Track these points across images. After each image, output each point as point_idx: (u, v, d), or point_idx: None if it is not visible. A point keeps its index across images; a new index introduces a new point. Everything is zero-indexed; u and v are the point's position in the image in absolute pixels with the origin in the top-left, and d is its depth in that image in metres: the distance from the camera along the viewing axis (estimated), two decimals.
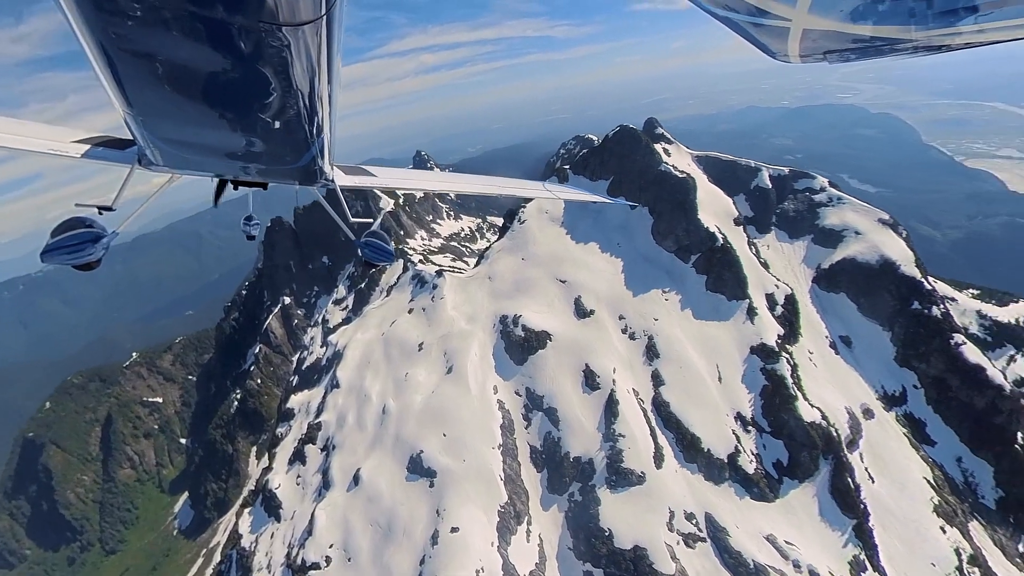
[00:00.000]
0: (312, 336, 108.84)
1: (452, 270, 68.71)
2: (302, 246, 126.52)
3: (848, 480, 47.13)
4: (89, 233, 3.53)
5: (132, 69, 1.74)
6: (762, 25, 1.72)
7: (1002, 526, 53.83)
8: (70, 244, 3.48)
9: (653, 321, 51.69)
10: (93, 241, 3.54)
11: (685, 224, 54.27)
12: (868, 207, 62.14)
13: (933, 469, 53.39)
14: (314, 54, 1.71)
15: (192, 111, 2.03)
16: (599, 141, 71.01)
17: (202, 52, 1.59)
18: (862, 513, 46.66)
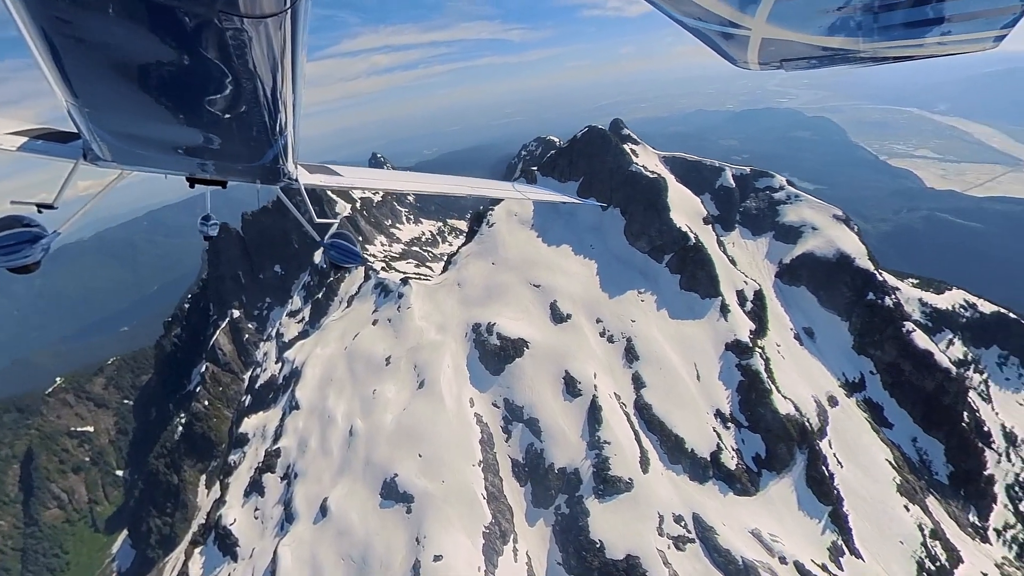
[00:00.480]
0: (265, 352, 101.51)
1: (418, 277, 65.18)
2: (251, 254, 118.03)
3: (823, 469, 48.06)
4: (27, 233, 3.30)
5: (78, 57, 1.59)
6: (724, 34, 1.77)
7: (954, 499, 57.10)
8: (5, 245, 3.23)
9: (631, 323, 50.68)
10: (31, 242, 3.31)
11: (658, 224, 53.78)
12: (823, 204, 64.41)
13: (892, 450, 55.70)
14: (277, 49, 1.61)
15: (144, 104, 1.89)
16: (562, 143, 69.76)
17: (156, 41, 1.47)
18: (836, 499, 47.73)
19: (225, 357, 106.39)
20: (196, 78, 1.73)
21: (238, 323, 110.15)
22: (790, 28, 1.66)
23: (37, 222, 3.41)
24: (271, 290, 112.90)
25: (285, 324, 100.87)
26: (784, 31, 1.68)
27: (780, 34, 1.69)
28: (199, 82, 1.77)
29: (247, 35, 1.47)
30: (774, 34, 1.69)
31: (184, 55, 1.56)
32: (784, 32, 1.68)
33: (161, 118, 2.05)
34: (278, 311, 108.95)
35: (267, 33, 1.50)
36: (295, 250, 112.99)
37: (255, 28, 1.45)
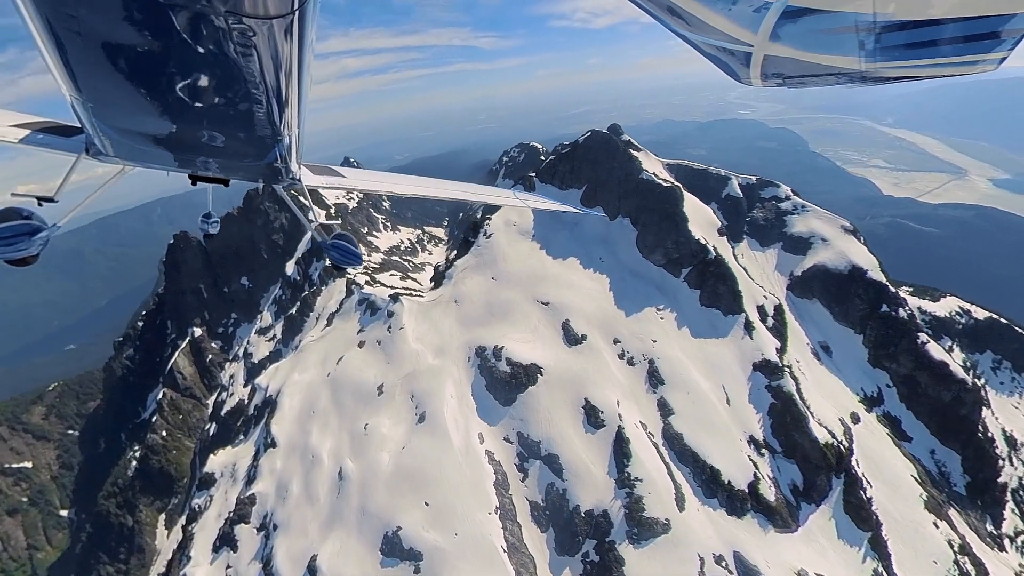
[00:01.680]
0: (231, 374, 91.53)
1: (409, 293, 58.23)
2: (214, 266, 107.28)
3: (861, 494, 44.55)
4: (26, 225, 3.20)
5: (82, 52, 1.57)
6: (727, 50, 1.78)
7: (972, 510, 55.17)
8: (3, 237, 3.14)
9: (651, 343, 45.74)
10: (30, 234, 3.22)
11: (675, 236, 49.33)
12: (831, 214, 61.97)
13: (915, 464, 53.20)
14: (283, 50, 1.60)
15: (148, 101, 1.87)
16: (561, 148, 64.61)
17: (161, 39, 1.46)
18: (875, 524, 44.34)
19: (185, 381, 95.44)
20: (201, 77, 1.70)
21: (200, 342, 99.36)
22: (792, 46, 1.62)
23: (37, 215, 3.30)
24: (237, 305, 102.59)
25: (254, 343, 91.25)
26: (786, 49, 1.64)
27: (782, 52, 1.66)
28: (204, 81, 1.72)
29: (254, 36, 1.45)
30: (776, 52, 1.66)
31: (190, 54, 1.52)
32: (786, 50, 1.65)
33: (165, 115, 2.01)
34: (245, 328, 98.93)
35: (274, 34, 1.48)
36: (264, 260, 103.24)
37: (262, 29, 1.43)
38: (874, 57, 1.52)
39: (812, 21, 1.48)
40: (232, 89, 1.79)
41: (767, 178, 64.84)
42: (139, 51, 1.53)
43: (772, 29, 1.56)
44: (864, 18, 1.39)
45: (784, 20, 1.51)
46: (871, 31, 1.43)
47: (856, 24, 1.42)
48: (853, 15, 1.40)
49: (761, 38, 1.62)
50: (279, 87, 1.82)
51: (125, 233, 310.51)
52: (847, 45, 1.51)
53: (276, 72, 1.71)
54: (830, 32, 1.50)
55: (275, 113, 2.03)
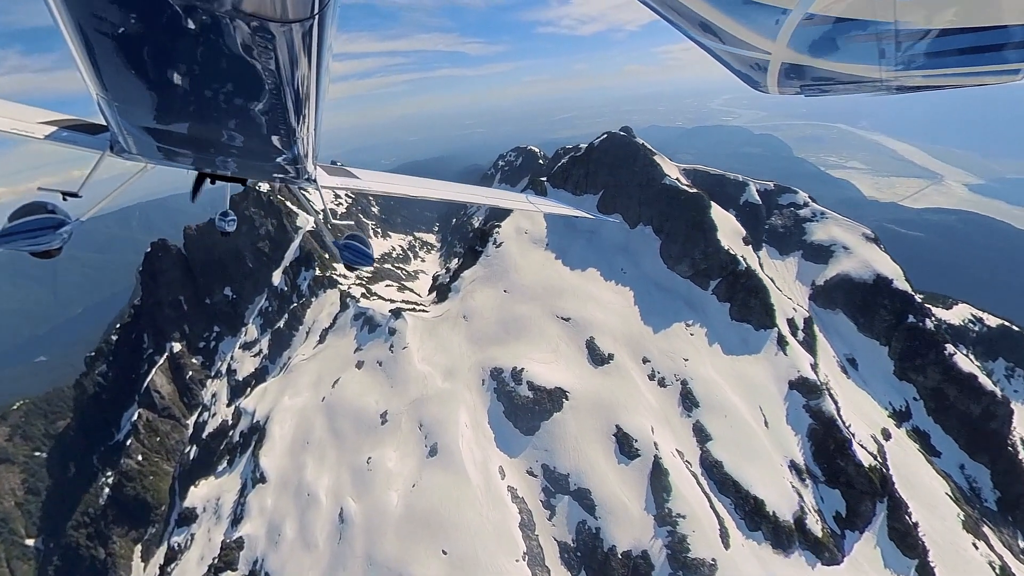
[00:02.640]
0: (214, 392, 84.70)
1: (412, 308, 53.00)
2: (196, 275, 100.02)
3: (906, 519, 41.10)
4: (50, 219, 3.26)
5: (109, 52, 1.60)
6: (743, 57, 1.74)
7: (1004, 526, 52.45)
8: (29, 229, 3.18)
9: (683, 362, 41.61)
10: (54, 228, 3.27)
11: (703, 246, 45.43)
12: (851, 222, 59.05)
13: (947, 481, 50.26)
14: (303, 53, 1.61)
15: (171, 100, 1.92)
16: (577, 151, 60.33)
17: (185, 41, 1.49)
18: (922, 551, 40.94)
19: (163, 400, 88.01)
20: (223, 78, 1.72)
21: (179, 358, 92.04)
22: (811, 54, 1.58)
23: (61, 209, 3.35)
24: (220, 318, 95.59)
25: (238, 358, 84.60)
26: (805, 57, 1.60)
27: (800, 59, 1.62)
28: (226, 82, 1.75)
29: (275, 39, 1.47)
30: (794, 59, 1.63)
31: (212, 56, 1.55)
32: (804, 57, 1.61)
33: (186, 116, 2.05)
34: (229, 342, 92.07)
35: (294, 37, 1.49)
36: (249, 270, 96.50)
37: (283, 32, 1.45)
38: (895, 66, 1.46)
39: (831, 29, 1.43)
40: (252, 91, 1.78)
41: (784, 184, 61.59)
42: (162, 53, 1.55)
43: (790, 36, 1.50)
44: (885, 26, 1.34)
45: (802, 27, 1.46)
46: (892, 39, 1.37)
47: (877, 32, 1.37)
48: (874, 23, 1.34)
49: (779, 45, 1.56)
50: (298, 89, 1.81)
51: (101, 238, 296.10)
52: (867, 53, 1.46)
53: (296, 74, 1.70)
54: (850, 40, 1.44)
55: (293, 115, 2.02)
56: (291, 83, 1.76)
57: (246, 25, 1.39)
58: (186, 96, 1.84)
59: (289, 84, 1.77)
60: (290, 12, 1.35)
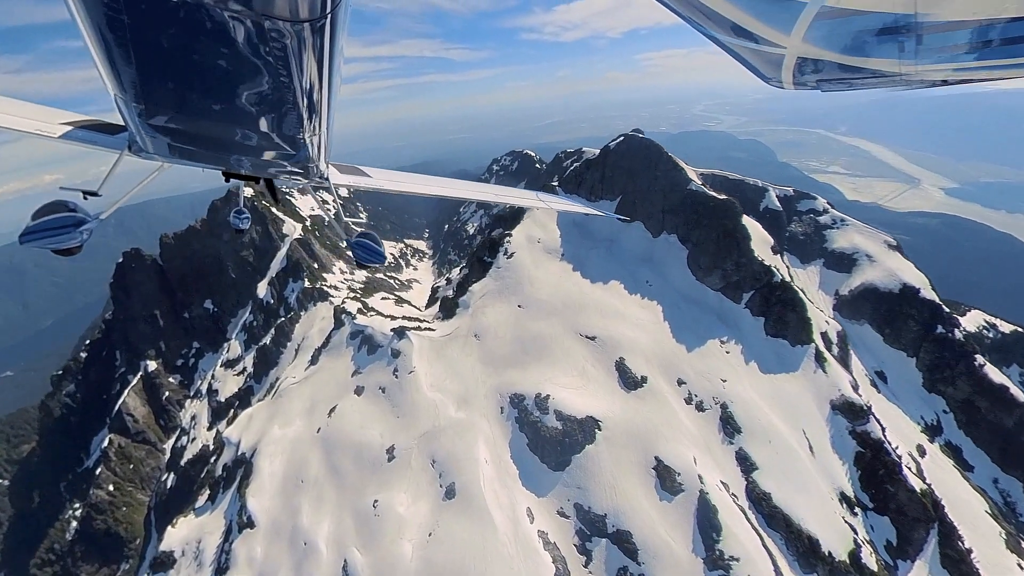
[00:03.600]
0: (193, 414, 77.97)
1: (417, 326, 47.88)
2: (173, 287, 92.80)
3: (959, 545, 37.86)
4: (71, 217, 3.29)
5: (126, 52, 1.63)
6: (758, 52, 1.70)
7: None
8: (51, 228, 3.23)
9: (721, 383, 37.64)
10: (75, 226, 3.30)
11: (736, 256, 41.72)
12: (871, 229, 56.35)
13: (984, 497, 47.50)
14: (315, 52, 1.64)
15: (186, 100, 1.95)
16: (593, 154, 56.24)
17: (200, 41, 1.53)
18: None
19: (137, 424, 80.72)
20: (238, 77, 1.73)
21: (154, 377, 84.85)
22: (827, 48, 1.54)
23: (81, 207, 3.39)
24: (200, 333, 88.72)
25: (220, 377, 78.10)
26: (821, 51, 1.55)
27: (817, 54, 1.57)
28: (241, 81, 1.76)
29: (288, 38, 1.49)
30: (810, 53, 1.58)
31: (227, 55, 1.57)
32: (821, 52, 1.56)
33: (202, 115, 2.07)
34: (209, 359, 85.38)
35: (307, 36, 1.51)
36: (232, 281, 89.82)
37: (296, 32, 1.47)
38: (916, 60, 1.40)
39: (849, 22, 1.39)
40: (266, 90, 1.79)
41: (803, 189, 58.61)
42: (178, 53, 1.57)
43: (806, 30, 1.46)
44: (905, 19, 1.29)
45: (819, 21, 1.41)
46: (912, 32, 1.32)
47: (896, 25, 1.32)
48: (893, 16, 1.30)
49: (794, 40, 1.53)
50: (311, 88, 1.83)
51: None
52: (886, 47, 1.41)
53: (308, 73, 1.71)
54: (868, 33, 1.40)
55: (307, 113, 2.03)
56: (304, 82, 1.75)
57: (259, 25, 1.39)
58: (201, 96, 1.85)
59: (302, 83, 1.75)
60: (302, 11, 1.36)
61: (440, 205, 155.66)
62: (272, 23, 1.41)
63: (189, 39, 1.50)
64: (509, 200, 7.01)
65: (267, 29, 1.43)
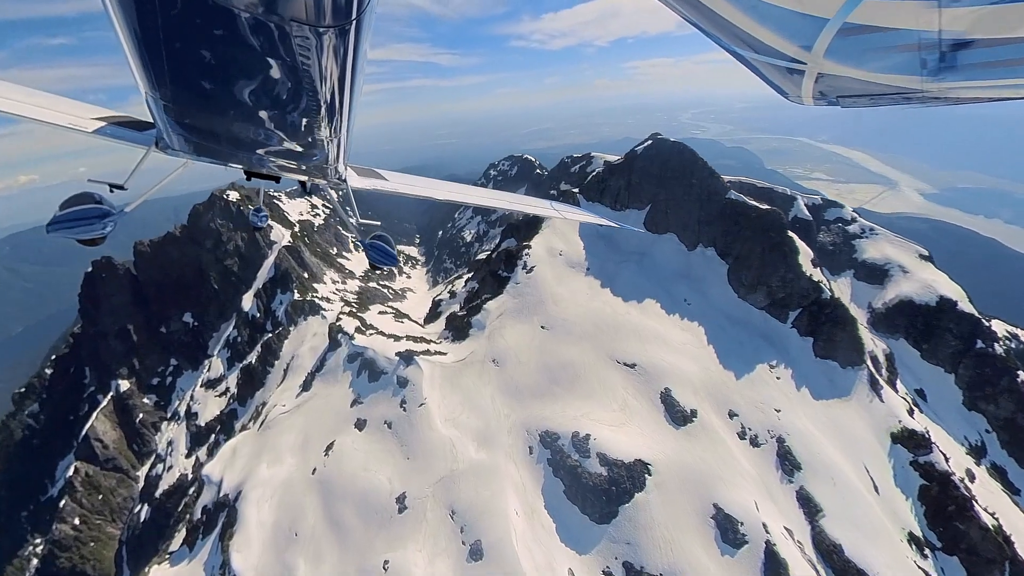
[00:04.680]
0: (170, 439, 70.83)
1: (426, 348, 42.22)
2: (148, 299, 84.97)
3: None
4: (97, 209, 3.38)
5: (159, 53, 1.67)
6: (778, 67, 1.69)
7: None
8: (77, 218, 3.34)
9: (775, 414, 33.13)
10: (100, 217, 3.39)
11: (783, 272, 37.47)
12: (901, 239, 52.95)
13: None
14: (340, 56, 1.66)
15: (213, 99, 1.98)
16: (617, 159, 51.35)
17: (230, 43, 1.56)
18: None
19: (106, 450, 72.97)
20: (264, 80, 1.76)
21: (126, 397, 77.11)
22: (849, 64, 1.50)
23: (107, 200, 3.46)
24: (178, 349, 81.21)
25: (200, 398, 71.01)
26: (842, 67, 1.53)
27: (837, 70, 1.55)
28: (267, 84, 1.79)
29: (315, 43, 1.51)
30: (831, 70, 1.56)
31: (255, 59, 1.61)
32: (842, 68, 1.53)
33: (228, 115, 2.09)
34: (188, 377, 78.07)
35: (333, 41, 1.53)
36: (214, 292, 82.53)
37: (322, 36, 1.49)
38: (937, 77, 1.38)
39: (871, 39, 1.36)
40: (292, 92, 1.82)
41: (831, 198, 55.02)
42: (208, 55, 1.61)
43: (828, 47, 1.44)
44: (928, 35, 1.27)
45: (840, 37, 1.40)
46: (936, 49, 1.30)
47: (919, 42, 1.30)
48: (916, 32, 1.28)
49: (815, 55, 1.50)
50: (334, 91, 1.84)
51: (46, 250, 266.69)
52: (908, 64, 1.38)
53: (333, 77, 1.73)
54: (890, 50, 1.37)
55: (329, 115, 2.05)
56: (328, 85, 1.77)
57: (288, 29, 1.41)
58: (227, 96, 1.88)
59: (326, 86, 1.78)
60: (329, 17, 1.38)
61: (432, 210, 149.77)
62: (300, 28, 1.40)
63: (219, 42, 1.51)
64: (521, 208, 6.62)
65: (295, 34, 1.43)
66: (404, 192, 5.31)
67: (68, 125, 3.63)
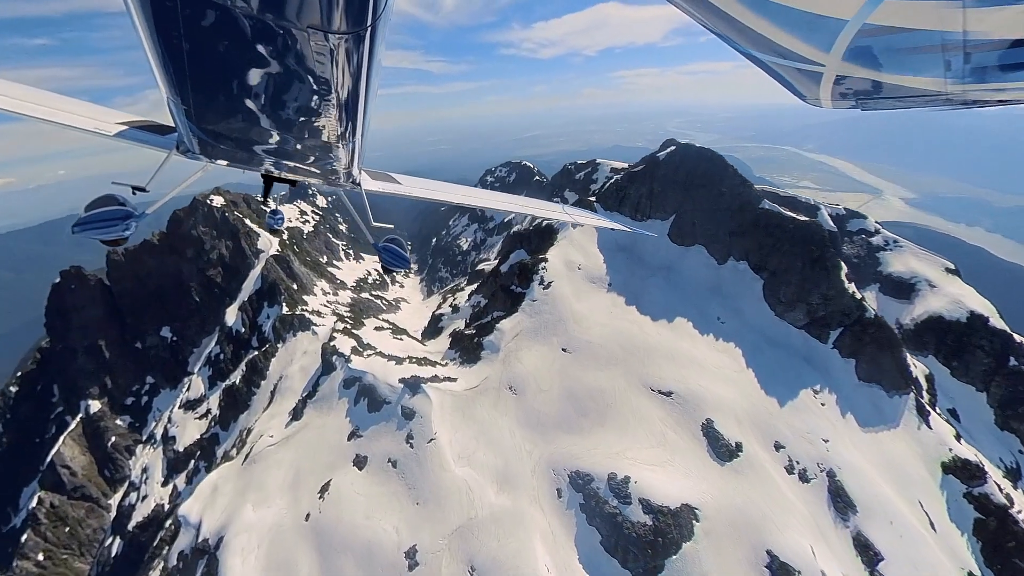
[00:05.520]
0: (145, 465, 65.43)
1: (432, 374, 38.06)
2: (123, 312, 79.06)
3: None
4: (120, 211, 3.48)
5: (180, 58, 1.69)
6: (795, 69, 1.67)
7: None
8: (101, 220, 3.44)
9: (823, 445, 29.94)
10: (123, 219, 3.48)
11: (824, 288, 34.52)
12: (927, 252, 50.71)
13: None
14: (356, 62, 1.68)
15: (232, 104, 2.00)
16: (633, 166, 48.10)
17: (249, 50, 1.59)
18: None
19: (75, 478, 67.07)
20: (282, 85, 1.78)
21: (97, 419, 71.30)
22: (868, 67, 1.46)
23: (130, 202, 3.52)
24: (155, 366, 75.47)
25: (178, 420, 65.69)
26: (862, 69, 1.49)
27: (857, 72, 1.51)
28: (285, 89, 1.81)
29: (332, 48, 1.53)
30: (850, 72, 1.52)
31: (273, 64, 1.63)
32: (861, 70, 1.49)
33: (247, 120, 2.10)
34: (166, 397, 72.45)
35: (350, 47, 1.56)
36: (195, 305, 77.07)
37: (339, 42, 1.51)
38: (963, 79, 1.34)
39: (892, 40, 1.32)
40: (309, 98, 1.84)
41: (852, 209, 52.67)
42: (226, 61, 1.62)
43: (846, 48, 1.40)
44: (952, 36, 1.23)
45: (860, 39, 1.36)
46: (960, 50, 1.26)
47: (943, 43, 1.26)
48: (940, 33, 1.23)
49: (834, 58, 1.46)
50: (350, 96, 1.86)
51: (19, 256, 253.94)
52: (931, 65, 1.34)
53: (349, 82, 1.75)
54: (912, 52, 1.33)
55: (345, 120, 2.06)
56: (345, 90, 1.79)
57: (306, 36, 1.44)
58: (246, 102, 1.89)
59: (343, 91, 1.80)
60: (346, 23, 1.40)
61: (424, 216, 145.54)
62: (317, 34, 1.42)
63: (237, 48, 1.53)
64: (533, 211, 6.58)
65: (312, 40, 1.45)
66: (418, 195, 5.18)
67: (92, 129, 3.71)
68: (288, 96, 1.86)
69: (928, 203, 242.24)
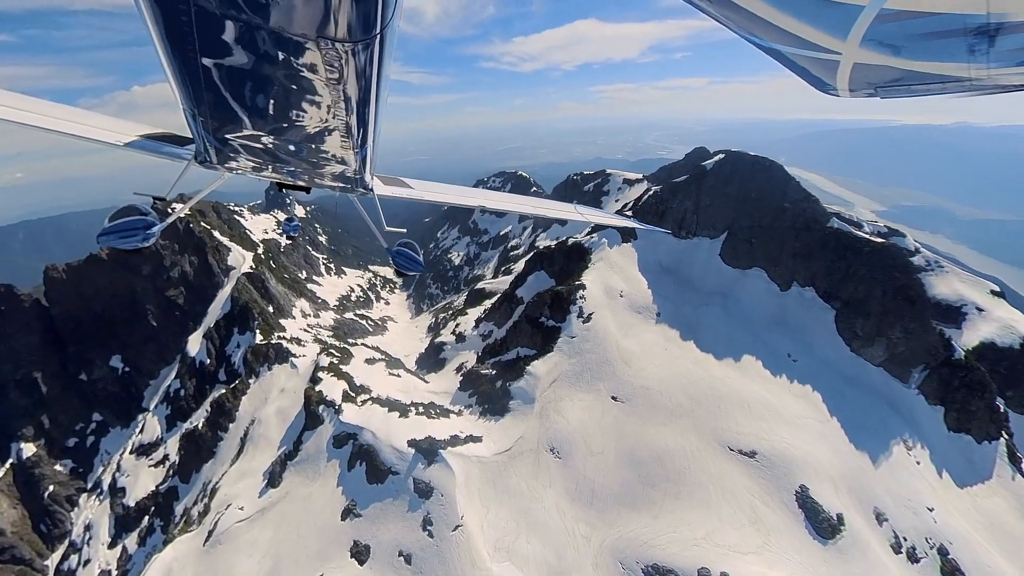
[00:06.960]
0: (88, 522, 56.07)
1: (449, 427, 31.06)
2: (63, 338, 68.60)
3: None
4: (142, 221, 3.59)
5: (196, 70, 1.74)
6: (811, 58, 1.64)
7: None
8: (124, 229, 3.53)
9: (928, 514, 24.93)
10: (145, 228, 3.58)
11: (906, 322, 29.88)
12: (970, 274, 47.33)
13: None
14: (366, 70, 1.71)
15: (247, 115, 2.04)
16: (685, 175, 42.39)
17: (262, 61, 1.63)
18: None
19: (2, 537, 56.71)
20: (296, 95, 1.82)
21: (32, 466, 61.15)
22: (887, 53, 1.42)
23: (151, 212, 3.62)
24: (103, 401, 65.36)
25: (129, 468, 56.50)
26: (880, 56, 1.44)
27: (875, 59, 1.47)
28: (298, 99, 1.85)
29: (342, 58, 1.57)
30: (868, 59, 1.48)
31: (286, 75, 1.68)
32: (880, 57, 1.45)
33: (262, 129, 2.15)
34: (116, 437, 62.70)
35: (359, 56, 1.58)
36: (151, 330, 67.26)
37: (349, 52, 1.54)
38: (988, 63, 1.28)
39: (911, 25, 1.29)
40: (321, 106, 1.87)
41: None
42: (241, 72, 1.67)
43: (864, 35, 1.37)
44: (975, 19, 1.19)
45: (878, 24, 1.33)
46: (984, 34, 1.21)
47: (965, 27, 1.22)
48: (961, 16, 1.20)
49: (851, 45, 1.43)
50: (362, 104, 1.89)
51: None
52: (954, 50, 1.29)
53: (359, 90, 1.77)
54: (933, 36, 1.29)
55: (356, 127, 2.09)
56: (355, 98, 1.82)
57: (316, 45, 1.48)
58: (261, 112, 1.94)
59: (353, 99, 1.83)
60: (355, 33, 1.43)
61: (408, 227, 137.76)
62: (327, 44, 1.46)
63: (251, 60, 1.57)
64: (545, 212, 6.48)
65: (323, 49, 1.49)
66: (430, 199, 5.12)
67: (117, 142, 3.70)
68: (301, 105, 1.86)
69: (895, 213, 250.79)
